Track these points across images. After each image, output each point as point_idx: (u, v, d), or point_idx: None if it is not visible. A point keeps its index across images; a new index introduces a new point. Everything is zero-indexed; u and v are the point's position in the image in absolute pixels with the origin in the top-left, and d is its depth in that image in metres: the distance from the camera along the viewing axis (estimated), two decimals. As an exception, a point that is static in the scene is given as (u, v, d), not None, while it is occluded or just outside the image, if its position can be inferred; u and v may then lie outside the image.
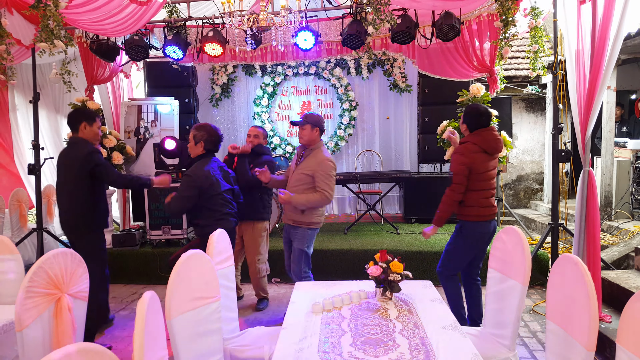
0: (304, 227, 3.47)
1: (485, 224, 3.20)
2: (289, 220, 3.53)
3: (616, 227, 5.47)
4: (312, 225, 3.48)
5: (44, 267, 2.03)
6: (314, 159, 3.38)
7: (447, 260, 3.35)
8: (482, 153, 3.12)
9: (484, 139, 3.13)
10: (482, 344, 2.39)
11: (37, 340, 2.00)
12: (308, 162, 3.40)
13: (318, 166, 3.33)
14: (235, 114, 7.62)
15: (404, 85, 7.16)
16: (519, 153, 8.17)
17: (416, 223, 6.26)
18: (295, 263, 3.52)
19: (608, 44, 3.25)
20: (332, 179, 3.35)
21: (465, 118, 3.25)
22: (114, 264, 5.10)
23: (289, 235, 3.60)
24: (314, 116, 3.48)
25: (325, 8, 4.89)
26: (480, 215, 3.17)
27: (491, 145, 3.14)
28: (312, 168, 3.35)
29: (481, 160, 3.12)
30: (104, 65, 5.42)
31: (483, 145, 3.11)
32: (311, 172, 3.34)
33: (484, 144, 3.12)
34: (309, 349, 1.82)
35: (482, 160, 3.12)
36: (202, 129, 3.40)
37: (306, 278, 3.50)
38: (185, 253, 1.99)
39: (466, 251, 3.29)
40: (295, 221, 3.48)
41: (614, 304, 3.66)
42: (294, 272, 3.55)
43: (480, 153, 3.11)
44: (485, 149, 3.12)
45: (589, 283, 1.74)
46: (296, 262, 3.51)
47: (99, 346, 1.23)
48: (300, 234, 3.48)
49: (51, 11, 3.79)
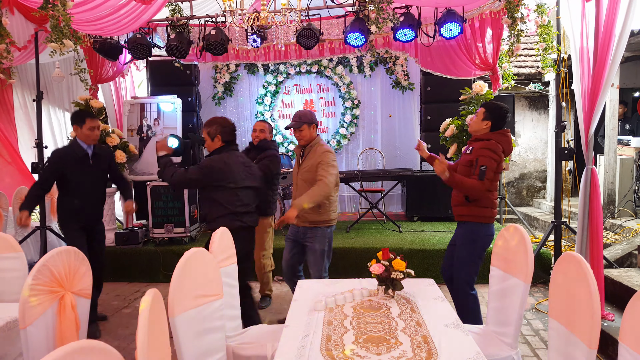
0: (323, 227, 3.36)
1: (492, 226, 3.13)
2: (305, 223, 3.35)
3: (619, 225, 5.46)
4: (330, 223, 3.38)
5: (47, 265, 2.04)
6: (314, 154, 3.35)
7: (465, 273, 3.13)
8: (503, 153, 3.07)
9: (508, 141, 3.10)
10: (485, 342, 2.40)
11: (41, 338, 2.01)
12: (310, 159, 3.36)
13: (319, 158, 3.30)
14: (237, 112, 7.62)
15: (406, 83, 7.15)
16: (521, 151, 8.16)
17: (419, 221, 6.26)
18: (318, 265, 3.35)
19: (613, 41, 3.23)
20: (332, 167, 3.27)
21: (491, 115, 3.13)
22: (117, 262, 5.13)
23: (303, 237, 3.41)
24: (307, 114, 3.39)
25: (327, 6, 4.89)
26: (492, 216, 3.11)
27: (510, 147, 3.12)
28: (315, 163, 3.31)
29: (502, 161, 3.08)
30: (109, 65, 5.43)
31: (505, 146, 3.08)
32: (315, 167, 3.30)
33: (507, 145, 3.09)
34: (312, 347, 1.82)
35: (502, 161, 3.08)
36: (214, 123, 3.30)
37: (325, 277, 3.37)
38: (188, 251, 1.99)
39: (481, 256, 3.14)
40: (313, 222, 3.34)
41: (616, 302, 3.65)
42: (314, 276, 3.36)
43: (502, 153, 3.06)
44: (505, 150, 3.09)
45: (591, 281, 1.74)
46: (318, 264, 3.35)
47: (102, 343, 1.23)
48: (321, 234, 3.35)
49: (59, 11, 3.80)
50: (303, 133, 3.37)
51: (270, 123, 4.33)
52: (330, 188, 3.24)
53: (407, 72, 7.13)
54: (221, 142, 3.29)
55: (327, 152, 3.33)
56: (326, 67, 7.29)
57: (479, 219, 3.06)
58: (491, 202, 3.08)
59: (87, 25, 4.49)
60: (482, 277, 4.67)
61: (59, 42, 3.99)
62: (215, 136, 3.28)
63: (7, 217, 5.30)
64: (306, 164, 3.37)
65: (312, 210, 3.28)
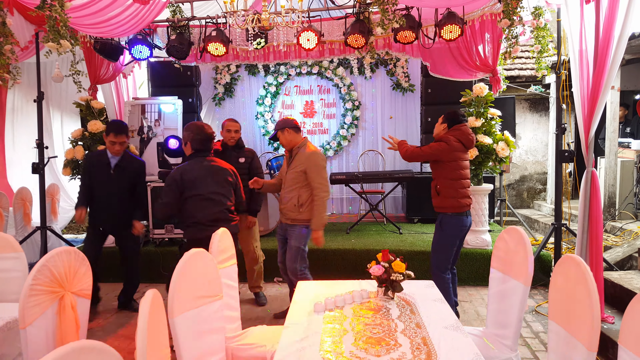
0: (301, 225, 3.56)
1: (463, 218, 3.47)
2: (287, 220, 3.61)
3: (620, 227, 5.45)
4: (308, 223, 3.54)
5: (47, 265, 2.04)
6: (302, 155, 3.55)
7: (435, 258, 3.56)
8: (459, 143, 3.43)
9: (462, 132, 3.45)
10: (484, 344, 2.39)
11: (41, 338, 2.01)
12: (297, 160, 3.56)
13: (307, 160, 3.50)
14: (238, 113, 7.62)
15: (407, 85, 7.16)
16: (522, 153, 8.16)
17: (419, 223, 6.26)
18: (292, 260, 3.58)
19: (612, 44, 3.23)
20: (322, 170, 3.52)
21: (444, 120, 3.57)
22: (117, 261, 5.11)
23: (284, 233, 3.68)
24: (278, 122, 3.66)
25: (328, 8, 4.89)
26: (457, 206, 3.43)
27: (466, 138, 3.46)
28: (302, 163, 3.51)
29: (459, 149, 3.43)
30: (108, 65, 5.43)
31: (461, 138, 3.43)
32: (302, 167, 3.50)
33: (462, 136, 3.44)
34: (311, 348, 1.82)
35: (459, 150, 3.44)
36: (188, 129, 3.33)
37: (303, 276, 3.55)
38: (188, 252, 1.99)
39: (451, 244, 3.51)
40: (293, 219, 3.57)
41: (616, 305, 3.64)
42: (290, 269, 3.60)
43: (458, 143, 3.42)
44: (463, 142, 3.44)
45: (591, 283, 1.74)
46: (292, 259, 3.58)
47: (102, 343, 1.23)
48: (298, 232, 3.56)
49: (57, 11, 3.81)
50: (280, 139, 3.64)
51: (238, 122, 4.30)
52: (326, 191, 3.51)
53: (407, 73, 7.14)
54: (191, 150, 3.32)
55: (314, 153, 3.54)
56: (327, 68, 7.30)
57: (445, 209, 3.46)
58: (455, 191, 3.43)
59: (90, 28, 4.49)
60: (481, 279, 4.70)
61: (56, 42, 3.99)
62: (187, 143, 3.33)
63: (8, 217, 5.31)
64: (294, 164, 3.58)
65: (294, 208, 3.52)
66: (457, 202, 3.43)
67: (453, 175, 3.45)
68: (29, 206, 5.54)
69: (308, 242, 3.63)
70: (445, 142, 3.41)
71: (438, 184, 3.48)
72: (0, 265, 2.63)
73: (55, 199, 5.89)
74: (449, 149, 3.40)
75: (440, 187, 3.45)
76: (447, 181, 3.44)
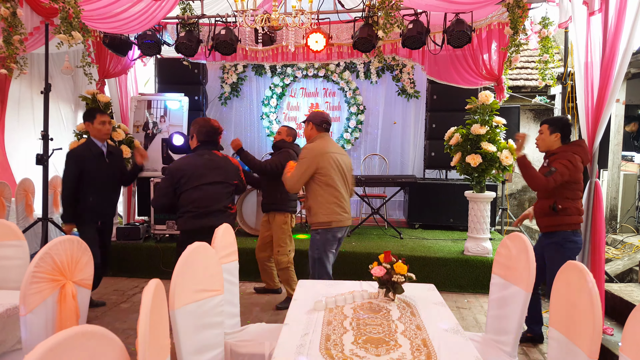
0: (313, 231, 3.38)
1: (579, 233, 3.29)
2: None
3: (621, 240, 5.44)
4: (319, 227, 3.32)
5: (50, 253, 2.04)
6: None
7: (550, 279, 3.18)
8: (582, 164, 3.22)
9: (584, 150, 3.26)
10: (484, 349, 2.39)
11: (41, 325, 2.01)
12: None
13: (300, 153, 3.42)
14: (243, 113, 7.65)
15: (412, 91, 7.17)
16: (525, 163, 8.14)
17: (420, 229, 6.25)
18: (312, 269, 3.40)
19: (617, 57, 3.24)
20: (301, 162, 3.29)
21: (557, 127, 3.31)
22: (117, 256, 5.13)
23: None
24: (313, 114, 3.57)
25: (337, 11, 4.92)
26: (578, 222, 3.27)
27: (588, 157, 3.27)
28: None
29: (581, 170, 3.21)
30: (117, 60, 5.46)
31: (583, 156, 3.23)
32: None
33: (584, 155, 3.25)
34: (311, 345, 1.82)
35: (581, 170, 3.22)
36: (195, 123, 3.41)
37: None
38: (191, 245, 1.99)
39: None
40: (310, 224, 3.45)
41: (616, 317, 3.63)
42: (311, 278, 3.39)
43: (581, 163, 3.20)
44: (584, 160, 3.24)
45: (593, 290, 1.74)
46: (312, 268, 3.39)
47: (103, 329, 1.24)
48: (312, 239, 3.38)
49: (70, 3, 3.84)
50: (304, 130, 3.59)
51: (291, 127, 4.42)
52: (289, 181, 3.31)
53: (413, 80, 7.15)
54: (197, 142, 3.37)
55: (304, 147, 3.41)
56: (333, 71, 7.32)
57: (568, 227, 3.21)
58: (576, 209, 3.24)
59: (101, 23, 4.51)
60: (481, 286, 4.69)
61: (67, 33, 4.01)
62: (193, 136, 3.38)
63: (10, 208, 5.31)
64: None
65: (308, 212, 3.45)
66: (577, 219, 3.25)
67: (575, 196, 3.23)
68: (32, 197, 5.54)
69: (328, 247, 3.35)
70: (571, 163, 3.11)
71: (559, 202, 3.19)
72: (2, 252, 2.63)
73: (58, 191, 5.89)
74: (575, 170, 3.12)
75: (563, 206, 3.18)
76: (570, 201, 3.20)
